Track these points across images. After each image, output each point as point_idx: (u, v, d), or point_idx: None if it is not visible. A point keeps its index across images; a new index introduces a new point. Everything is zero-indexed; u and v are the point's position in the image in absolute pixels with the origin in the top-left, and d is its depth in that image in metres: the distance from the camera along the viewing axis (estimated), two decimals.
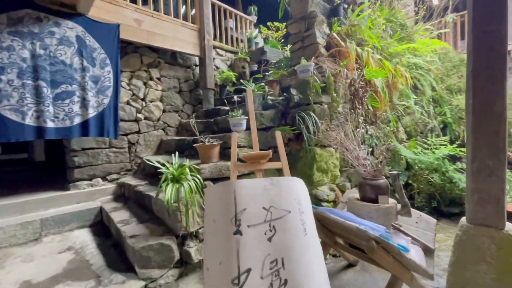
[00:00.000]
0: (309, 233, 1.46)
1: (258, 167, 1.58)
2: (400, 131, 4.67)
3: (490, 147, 1.72)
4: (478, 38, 1.74)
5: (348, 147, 2.09)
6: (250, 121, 1.71)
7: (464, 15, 6.33)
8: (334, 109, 2.82)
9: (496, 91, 1.70)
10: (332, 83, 2.69)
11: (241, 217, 1.43)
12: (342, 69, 2.81)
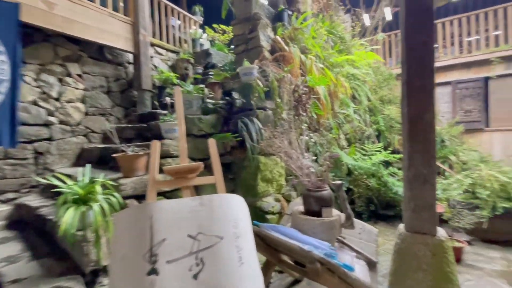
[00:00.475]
0: (246, 262, 1.21)
1: (185, 183, 1.28)
2: (341, 138, 4.87)
3: (423, 155, 1.76)
4: (411, 49, 1.78)
5: (292, 156, 1.94)
6: (178, 126, 1.41)
7: (391, 35, 7.13)
8: (279, 115, 2.70)
9: (427, 100, 1.75)
10: (276, 88, 2.56)
11: (158, 250, 1.10)
12: (286, 74, 2.72)
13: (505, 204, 2.85)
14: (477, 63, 6.00)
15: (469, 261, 2.58)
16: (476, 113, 6.00)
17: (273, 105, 2.67)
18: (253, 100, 2.40)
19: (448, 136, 5.67)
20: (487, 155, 5.57)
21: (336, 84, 4.45)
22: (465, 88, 6.10)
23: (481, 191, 2.96)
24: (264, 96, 2.45)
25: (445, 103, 6.41)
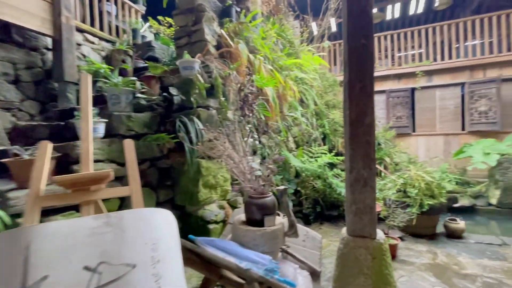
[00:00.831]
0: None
1: (86, 197, 0.98)
2: (289, 141, 4.90)
3: (364, 158, 1.76)
4: (352, 51, 1.77)
5: (234, 159, 1.76)
6: (82, 123, 1.09)
7: (336, 45, 7.59)
8: (224, 115, 2.50)
9: (367, 103, 1.75)
10: (220, 85, 2.36)
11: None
12: (232, 72, 2.54)
13: (430, 201, 3.15)
14: (406, 75, 6.77)
15: (402, 256, 2.75)
16: (405, 119, 6.76)
17: (217, 104, 2.46)
18: (193, 97, 2.15)
19: (384, 140, 6.22)
20: (414, 156, 6.29)
21: (285, 87, 4.46)
22: (397, 96, 6.83)
23: (411, 190, 3.22)
24: (205, 94, 2.22)
25: (381, 109, 7.08)
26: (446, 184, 3.24)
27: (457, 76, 6.34)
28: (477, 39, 6.18)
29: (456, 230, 3.17)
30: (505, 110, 5.91)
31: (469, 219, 4.42)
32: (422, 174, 3.29)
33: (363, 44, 1.73)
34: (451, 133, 6.43)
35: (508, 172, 4.36)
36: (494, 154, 4.48)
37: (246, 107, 2.60)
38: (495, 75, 6.00)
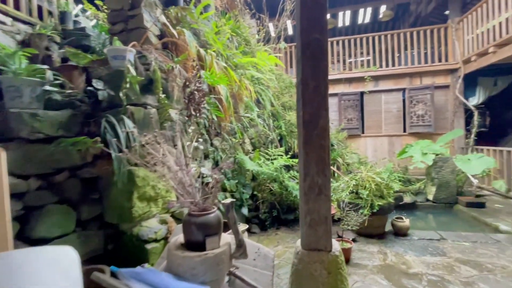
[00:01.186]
0: None
1: None
2: (246, 143, 4.70)
3: (318, 163, 1.62)
4: (305, 45, 1.61)
5: (171, 168, 1.46)
6: None
7: (292, 47, 7.67)
8: (166, 115, 2.16)
9: (321, 103, 1.61)
10: (160, 80, 2.02)
11: None
12: (176, 66, 2.22)
13: (380, 202, 3.24)
14: (356, 80, 7.14)
15: (356, 259, 2.73)
16: (355, 121, 7.12)
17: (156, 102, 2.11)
18: (123, 93, 1.77)
19: (336, 141, 6.44)
20: (364, 157, 6.64)
21: (240, 86, 4.24)
22: (348, 99, 7.16)
23: (362, 192, 3.27)
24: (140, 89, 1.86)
25: (334, 111, 7.35)
26: (394, 184, 3.38)
27: (399, 82, 6.90)
28: (415, 49, 6.81)
29: (402, 228, 3.31)
30: (437, 114, 6.61)
31: (411, 215, 4.76)
32: (373, 175, 3.37)
33: (317, 39, 1.58)
34: (395, 134, 6.97)
35: (441, 170, 4.82)
36: (430, 154, 4.92)
37: (192, 106, 2.29)
38: (429, 82, 6.68)
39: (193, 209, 1.38)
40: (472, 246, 3.00)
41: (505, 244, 3.03)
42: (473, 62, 5.86)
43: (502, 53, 4.97)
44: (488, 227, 3.77)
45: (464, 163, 4.51)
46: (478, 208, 4.41)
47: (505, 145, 7.36)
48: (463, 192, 5.02)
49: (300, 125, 1.64)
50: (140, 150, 1.65)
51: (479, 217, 4.02)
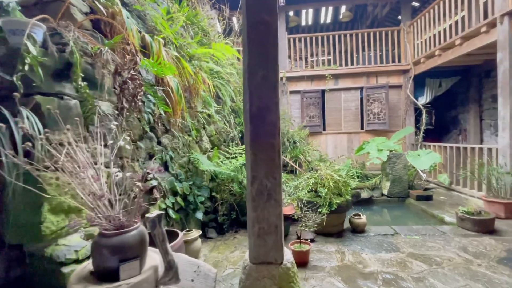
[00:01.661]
0: None
1: None
2: (204, 141, 4.39)
3: (268, 164, 1.42)
4: (252, 28, 1.39)
5: (79, 175, 1.13)
6: None
7: None
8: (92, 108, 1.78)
9: (270, 96, 1.41)
10: (80, 64, 1.64)
11: None
12: (104, 49, 1.84)
13: (338, 200, 3.20)
14: (317, 77, 7.21)
15: (314, 261, 2.63)
16: (317, 119, 7.21)
17: (73, 90, 1.72)
18: (17, 77, 1.37)
19: (299, 138, 6.43)
20: (324, 154, 6.74)
21: (196, 79, 3.91)
22: (310, 97, 7.21)
23: (321, 190, 3.20)
24: (42, 73, 1.45)
25: (296, 109, 7.36)
26: (351, 181, 3.37)
27: (357, 81, 7.13)
28: (371, 50, 7.09)
29: (359, 225, 3.32)
30: (391, 112, 6.98)
31: (368, 210, 4.91)
32: (331, 172, 3.32)
33: (266, 21, 1.37)
34: (353, 132, 7.21)
35: (395, 166, 5.04)
36: (385, 151, 5.12)
37: (124, 98, 1.93)
38: (384, 82, 7.01)
39: (105, 227, 1.07)
40: (422, 239, 3.10)
41: (449, 235, 3.19)
42: (422, 63, 6.26)
43: (446, 56, 5.35)
44: (435, 219, 4.00)
45: (414, 159, 4.76)
46: (426, 200, 4.70)
47: (447, 141, 8.09)
48: (414, 186, 5.33)
49: (246, 121, 1.42)
50: (47, 152, 1.28)
51: (427, 210, 4.25)
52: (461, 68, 6.86)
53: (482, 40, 4.44)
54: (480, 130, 6.98)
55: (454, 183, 5.30)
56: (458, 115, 7.70)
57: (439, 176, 5.52)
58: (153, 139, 2.72)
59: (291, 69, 7.32)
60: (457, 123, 7.74)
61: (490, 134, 6.73)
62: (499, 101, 4.11)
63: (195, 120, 4.07)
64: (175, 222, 3.00)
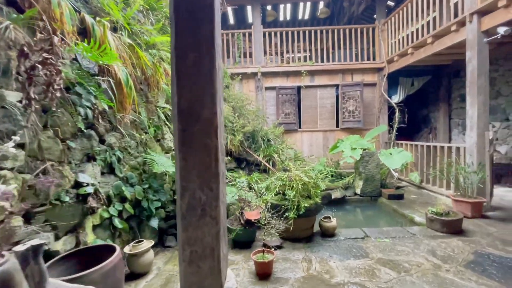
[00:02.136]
0: None
1: None
2: (167, 139, 4.02)
3: (202, 172, 1.13)
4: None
5: None
6: None
7: (229, 34, 7.12)
8: None
9: (204, 85, 1.12)
10: None
11: None
12: (10, 24, 1.45)
13: (307, 203, 3.00)
14: (293, 73, 7.02)
15: (278, 272, 2.40)
16: (292, 116, 7.03)
17: None
18: None
19: (273, 136, 6.21)
20: (299, 152, 6.58)
21: (156, 70, 3.53)
22: (285, 94, 7.01)
23: (289, 193, 2.98)
24: None
25: (272, 106, 7.14)
26: (321, 183, 3.18)
27: (333, 78, 7.03)
28: (347, 47, 7.01)
29: (329, 229, 3.15)
30: (366, 110, 6.96)
31: (341, 210, 4.80)
32: (300, 173, 3.11)
33: None
34: (329, 130, 7.12)
35: (368, 164, 4.97)
36: (358, 149, 5.04)
37: (32, 87, 1.55)
38: (359, 79, 6.97)
39: None
40: (392, 243, 2.98)
41: (419, 237, 3.10)
42: (395, 62, 6.26)
43: (418, 54, 5.35)
44: (405, 219, 3.94)
45: (387, 157, 4.71)
46: (398, 200, 4.66)
47: (418, 140, 8.27)
48: (386, 184, 5.31)
49: (175, 117, 1.12)
50: None
51: (398, 209, 4.20)
52: (432, 68, 6.98)
53: (452, 39, 4.43)
54: (449, 129, 7.17)
55: (424, 181, 5.34)
56: (429, 114, 7.88)
57: (411, 174, 5.54)
58: (93, 138, 2.33)
59: (266, 64, 7.06)
60: (428, 122, 7.92)
61: (458, 133, 6.92)
62: (467, 100, 4.12)
63: (155, 116, 3.69)
64: (124, 232, 2.64)
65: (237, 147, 5.16)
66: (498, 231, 3.20)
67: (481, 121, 3.94)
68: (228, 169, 5.21)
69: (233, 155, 5.23)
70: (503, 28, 3.59)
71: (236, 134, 5.09)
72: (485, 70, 3.93)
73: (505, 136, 5.48)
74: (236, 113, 5.40)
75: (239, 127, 5.12)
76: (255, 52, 6.99)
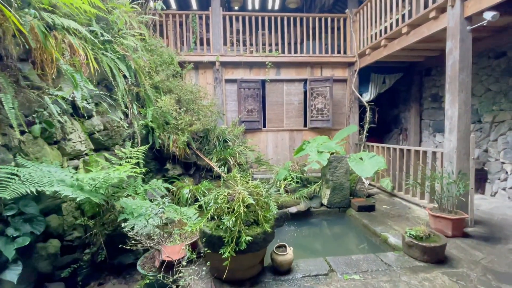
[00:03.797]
0: None
1: None
2: (73, 140, 2.95)
3: None
4: None
5: None
6: None
7: (176, 15, 6.07)
8: None
9: None
10: None
11: None
12: None
13: (252, 231, 2.16)
14: (257, 65, 6.18)
15: None
16: (256, 114, 6.20)
17: None
18: None
19: (232, 136, 5.34)
20: (261, 155, 5.78)
21: (47, 42, 2.47)
22: (248, 88, 6.15)
23: (226, 219, 2.11)
24: None
25: (233, 101, 6.24)
26: (272, 204, 2.35)
27: (301, 72, 6.31)
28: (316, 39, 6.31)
29: (283, 264, 2.35)
30: (335, 109, 6.36)
31: (305, 224, 4.06)
32: (244, 191, 2.26)
33: None
34: (296, 129, 6.41)
35: (336, 171, 4.29)
36: (325, 153, 4.34)
37: None
38: (329, 74, 6.33)
39: None
40: (363, 280, 2.26)
41: (396, 270, 2.42)
42: (367, 55, 5.68)
43: (392, 47, 4.78)
44: (378, 238, 3.29)
45: (357, 163, 4.06)
46: (368, 211, 4.04)
47: (389, 141, 7.90)
48: (356, 192, 4.69)
49: None
50: None
51: (369, 226, 3.55)
52: (404, 65, 6.55)
53: (430, 28, 3.87)
54: (420, 130, 6.82)
55: (396, 188, 4.81)
56: (399, 113, 7.51)
57: (382, 180, 4.99)
58: None
59: (226, 53, 6.13)
60: (399, 122, 7.56)
61: (429, 135, 6.59)
62: (447, 98, 3.57)
63: (46, 108, 2.61)
64: None
65: (182, 150, 4.19)
66: (485, 257, 2.63)
67: (462, 123, 3.40)
68: (170, 178, 4.23)
69: (177, 159, 4.25)
70: (490, 13, 3.04)
71: (181, 134, 4.12)
72: (468, 63, 3.39)
73: (478, 139, 5.13)
74: (183, 107, 4.43)
75: (185, 125, 4.16)
76: (213, 39, 6.02)
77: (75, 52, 2.95)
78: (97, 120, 3.42)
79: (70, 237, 2.71)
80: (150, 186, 3.27)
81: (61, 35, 2.88)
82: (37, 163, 2.29)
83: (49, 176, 2.20)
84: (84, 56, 3.01)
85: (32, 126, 2.43)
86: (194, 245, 2.51)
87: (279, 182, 4.94)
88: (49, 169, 2.31)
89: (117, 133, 3.65)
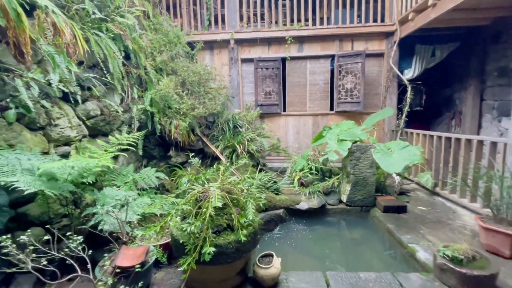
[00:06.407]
0: None
1: None
2: (60, 125, 2.83)
3: None
4: None
5: None
6: None
7: None
8: None
9: None
10: None
11: None
12: None
13: (221, 241, 1.76)
14: (275, 40, 5.52)
15: None
16: (274, 96, 5.61)
17: None
18: None
19: (244, 121, 4.90)
20: (278, 142, 5.25)
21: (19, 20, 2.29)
22: (266, 67, 5.56)
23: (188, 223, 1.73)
24: None
25: (250, 83, 5.73)
26: (250, 206, 1.89)
27: (327, 46, 5.46)
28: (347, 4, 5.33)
29: (265, 279, 1.92)
30: (368, 89, 5.43)
31: (317, 223, 3.51)
32: (216, 189, 1.84)
33: None
34: (320, 113, 5.67)
35: (359, 163, 3.59)
36: (347, 141, 3.64)
37: None
38: (362, 48, 5.37)
39: None
40: None
41: None
42: (410, 21, 4.60)
43: (443, 5, 3.70)
44: (403, 251, 2.63)
45: (383, 155, 3.30)
46: (398, 213, 3.32)
47: (437, 127, 6.64)
48: (385, 188, 3.93)
49: None
50: None
51: (395, 233, 2.87)
52: (462, 32, 5.22)
53: None
54: (480, 114, 5.50)
55: (439, 185, 3.91)
56: (453, 94, 6.17)
57: (421, 175, 4.12)
58: None
59: (241, 29, 5.58)
60: (452, 105, 6.24)
61: (492, 119, 5.26)
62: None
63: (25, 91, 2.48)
64: None
65: (185, 136, 3.91)
66: None
67: None
68: (173, 165, 4.01)
69: (179, 145, 3.99)
70: None
71: (183, 119, 3.82)
72: None
73: None
74: (187, 90, 4.10)
75: (187, 109, 3.84)
76: (228, 14, 5.50)
77: (59, 32, 2.76)
78: (92, 104, 3.28)
79: (58, 225, 2.65)
80: (140, 175, 3.06)
81: (44, 14, 2.70)
82: (6, 150, 2.17)
83: (13, 164, 2.06)
84: (72, 36, 2.81)
85: (5, 111, 2.31)
86: (167, 247, 2.21)
87: (295, 173, 4.42)
88: (18, 156, 2.18)
89: (114, 118, 3.50)
